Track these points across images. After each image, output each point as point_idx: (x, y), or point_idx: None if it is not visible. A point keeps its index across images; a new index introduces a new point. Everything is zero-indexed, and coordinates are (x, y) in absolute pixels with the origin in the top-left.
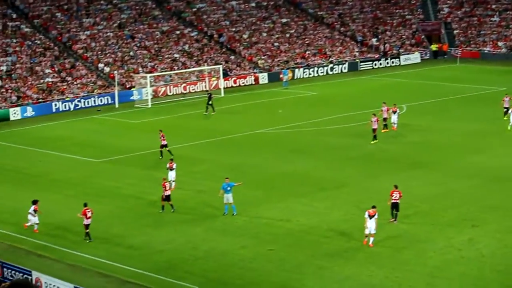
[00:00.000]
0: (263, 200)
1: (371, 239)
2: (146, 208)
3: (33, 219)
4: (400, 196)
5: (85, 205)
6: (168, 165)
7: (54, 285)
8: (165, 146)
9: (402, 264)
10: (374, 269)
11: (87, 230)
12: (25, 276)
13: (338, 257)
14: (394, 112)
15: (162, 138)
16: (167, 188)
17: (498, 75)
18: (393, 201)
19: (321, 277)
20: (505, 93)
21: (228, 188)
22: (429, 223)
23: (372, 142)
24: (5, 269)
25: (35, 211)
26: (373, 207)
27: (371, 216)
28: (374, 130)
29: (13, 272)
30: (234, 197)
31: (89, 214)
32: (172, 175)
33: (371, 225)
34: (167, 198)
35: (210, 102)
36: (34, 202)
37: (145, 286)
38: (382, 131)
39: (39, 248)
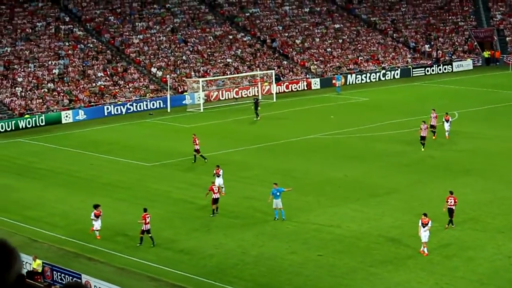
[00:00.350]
0: (314, 205)
1: (424, 248)
2: (196, 212)
3: (95, 224)
4: (455, 202)
5: (145, 210)
6: (214, 171)
7: None
8: (197, 151)
9: (452, 271)
10: (424, 276)
11: (143, 235)
12: (75, 279)
13: (388, 264)
14: (447, 121)
15: (194, 142)
16: (216, 191)
17: None
18: (448, 207)
19: (370, 283)
20: None
21: (278, 194)
22: (479, 230)
23: (423, 149)
24: (54, 272)
25: (95, 216)
26: (425, 215)
27: (424, 225)
28: (422, 137)
29: (62, 275)
30: (284, 202)
31: (148, 219)
32: (219, 181)
33: (423, 234)
34: (215, 201)
35: (258, 108)
36: (95, 207)
37: None
38: (433, 137)
39: (89, 251)
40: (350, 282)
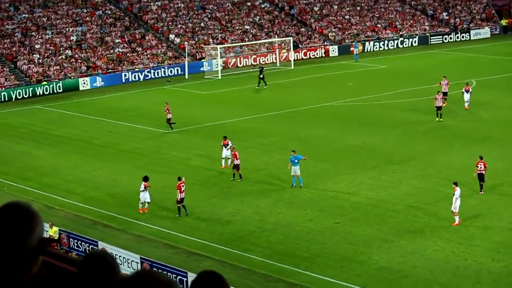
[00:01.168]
0: (331, 173)
1: (456, 217)
2: (214, 179)
3: (143, 196)
4: (485, 167)
5: (179, 179)
6: (222, 142)
7: (120, 256)
8: (169, 120)
9: (468, 238)
10: (440, 243)
11: (182, 204)
12: (92, 246)
13: (404, 231)
14: (467, 91)
15: (167, 111)
16: (238, 157)
17: None
18: (478, 172)
19: (387, 251)
20: None
21: (296, 161)
22: (496, 199)
23: (440, 119)
24: (71, 239)
25: (145, 187)
26: (455, 184)
27: (454, 193)
28: (438, 107)
29: (79, 242)
30: (301, 169)
31: (183, 188)
32: (226, 152)
33: (454, 203)
34: (236, 167)
35: (261, 76)
36: (145, 179)
37: (211, 258)
38: (444, 104)
39: (106, 218)
40: (366, 249)
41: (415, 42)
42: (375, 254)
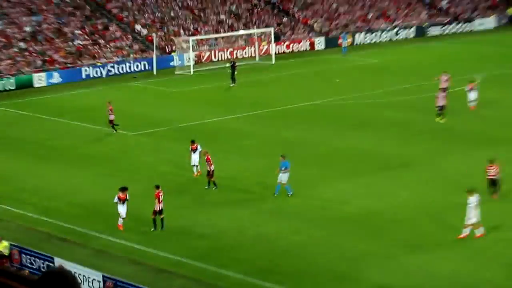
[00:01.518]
0: (319, 180)
1: (470, 229)
2: (186, 186)
3: (119, 210)
4: (497, 172)
5: (157, 187)
6: (190, 147)
7: (79, 274)
8: (111, 121)
9: (478, 252)
10: (445, 258)
11: (161, 216)
12: (47, 263)
13: (403, 245)
14: (471, 90)
15: (110, 111)
16: (212, 163)
17: None
18: (489, 177)
19: (384, 267)
20: None
21: (283, 168)
22: (508, 206)
23: (440, 120)
24: (23, 255)
25: (119, 199)
26: (469, 191)
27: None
28: (440, 107)
29: (32, 258)
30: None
31: (161, 198)
32: (195, 158)
33: (469, 213)
34: (210, 173)
35: (235, 72)
36: (121, 190)
37: (184, 276)
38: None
39: (63, 231)
40: (360, 266)
41: (411, 33)
42: (370, 271)
